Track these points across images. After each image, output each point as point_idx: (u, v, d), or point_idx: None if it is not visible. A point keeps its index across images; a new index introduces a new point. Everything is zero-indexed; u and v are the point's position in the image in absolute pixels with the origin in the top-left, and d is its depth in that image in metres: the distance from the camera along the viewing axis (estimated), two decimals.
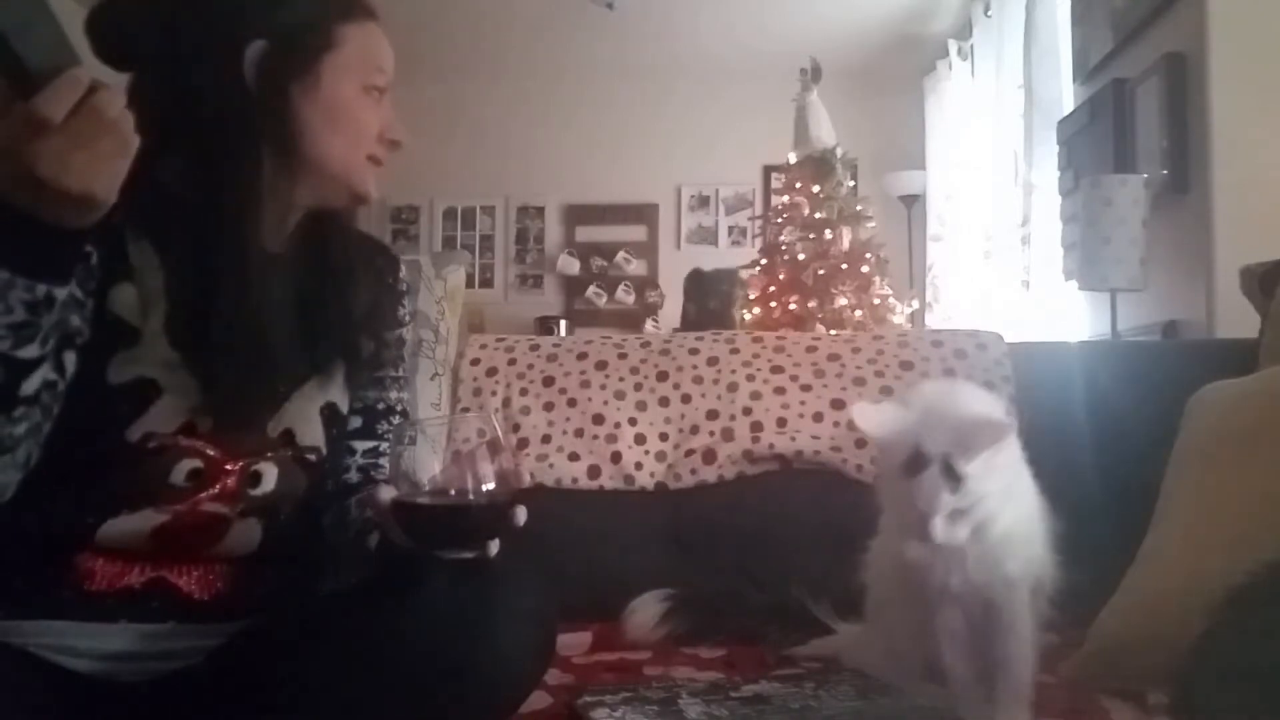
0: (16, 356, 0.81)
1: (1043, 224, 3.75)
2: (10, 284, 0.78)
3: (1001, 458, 0.92)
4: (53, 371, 0.87)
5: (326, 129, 1.01)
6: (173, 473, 0.95)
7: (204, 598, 0.97)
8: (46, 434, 0.89)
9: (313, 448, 1.06)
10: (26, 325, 0.80)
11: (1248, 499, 1.14)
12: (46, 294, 0.80)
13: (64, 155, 0.74)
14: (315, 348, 1.06)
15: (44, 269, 0.80)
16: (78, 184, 0.75)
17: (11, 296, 0.79)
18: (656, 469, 1.63)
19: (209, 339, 0.94)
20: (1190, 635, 0.85)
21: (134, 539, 0.93)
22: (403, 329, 1.20)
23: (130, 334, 0.94)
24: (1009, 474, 0.95)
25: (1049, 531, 1.02)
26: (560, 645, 1.05)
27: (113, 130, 0.77)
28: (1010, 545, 0.97)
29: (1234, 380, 1.32)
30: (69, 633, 0.91)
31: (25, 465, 0.89)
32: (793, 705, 1.06)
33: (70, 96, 0.74)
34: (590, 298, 6.15)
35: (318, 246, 1.08)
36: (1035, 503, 1.01)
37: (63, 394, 0.90)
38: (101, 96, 0.75)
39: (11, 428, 0.84)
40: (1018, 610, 0.99)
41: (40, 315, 0.81)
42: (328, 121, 1.01)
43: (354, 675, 0.86)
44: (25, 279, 0.79)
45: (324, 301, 1.07)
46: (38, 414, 0.86)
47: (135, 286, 0.95)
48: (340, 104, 1.02)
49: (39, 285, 0.79)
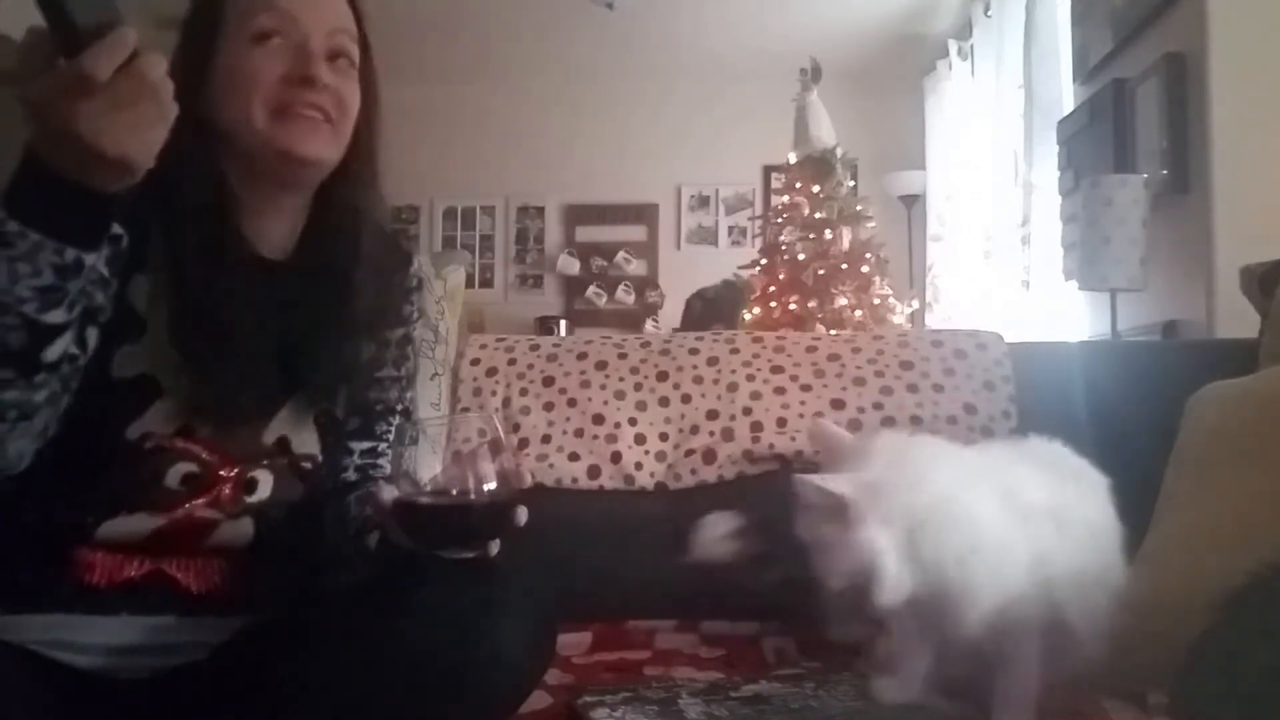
0: (42, 320, 0.80)
1: (1043, 224, 3.75)
2: (40, 246, 0.77)
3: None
4: (75, 345, 0.87)
5: (221, 99, 0.98)
6: (167, 476, 0.95)
7: (201, 591, 0.97)
8: (61, 409, 0.89)
9: (308, 456, 1.06)
10: (54, 289, 0.79)
11: (1248, 499, 1.14)
12: (75, 259, 0.79)
13: (104, 116, 0.73)
14: (311, 357, 1.04)
15: (74, 233, 0.79)
16: (114, 146, 0.74)
17: (40, 259, 0.78)
18: (656, 469, 1.62)
19: (203, 344, 0.95)
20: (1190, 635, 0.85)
21: (132, 538, 0.94)
22: (407, 327, 1.17)
23: (138, 325, 0.94)
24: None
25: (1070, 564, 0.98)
26: (560, 645, 1.05)
27: (153, 95, 0.76)
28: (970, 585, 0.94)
29: (1234, 380, 1.32)
30: (70, 626, 0.91)
31: (43, 435, 0.88)
32: (793, 705, 1.06)
33: (117, 56, 0.73)
34: (590, 298, 6.15)
35: (321, 254, 1.06)
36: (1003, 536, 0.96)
37: (80, 370, 0.89)
38: (146, 59, 0.75)
39: (32, 393, 0.84)
40: (1021, 643, 0.97)
41: (68, 280, 0.80)
42: (221, 92, 0.97)
43: (354, 675, 0.86)
44: (55, 241, 0.78)
45: (321, 311, 1.05)
46: (57, 383, 0.86)
47: (149, 278, 0.95)
48: (227, 68, 0.97)
49: (68, 249, 0.79)
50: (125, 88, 0.74)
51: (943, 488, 0.95)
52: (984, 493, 0.97)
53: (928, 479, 0.96)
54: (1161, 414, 1.34)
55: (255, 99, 0.97)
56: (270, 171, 1.01)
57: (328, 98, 1.00)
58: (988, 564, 0.94)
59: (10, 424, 0.84)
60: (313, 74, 0.97)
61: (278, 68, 0.97)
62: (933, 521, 0.93)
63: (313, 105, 0.99)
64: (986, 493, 0.97)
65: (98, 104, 0.73)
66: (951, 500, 0.95)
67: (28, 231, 0.77)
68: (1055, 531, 0.98)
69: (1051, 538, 0.98)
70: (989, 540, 0.94)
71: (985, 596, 0.94)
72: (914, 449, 1.02)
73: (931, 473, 0.97)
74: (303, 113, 0.98)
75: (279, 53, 0.98)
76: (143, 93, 0.75)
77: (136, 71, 0.74)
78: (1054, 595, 0.97)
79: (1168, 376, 1.47)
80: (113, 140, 0.74)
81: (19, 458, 0.88)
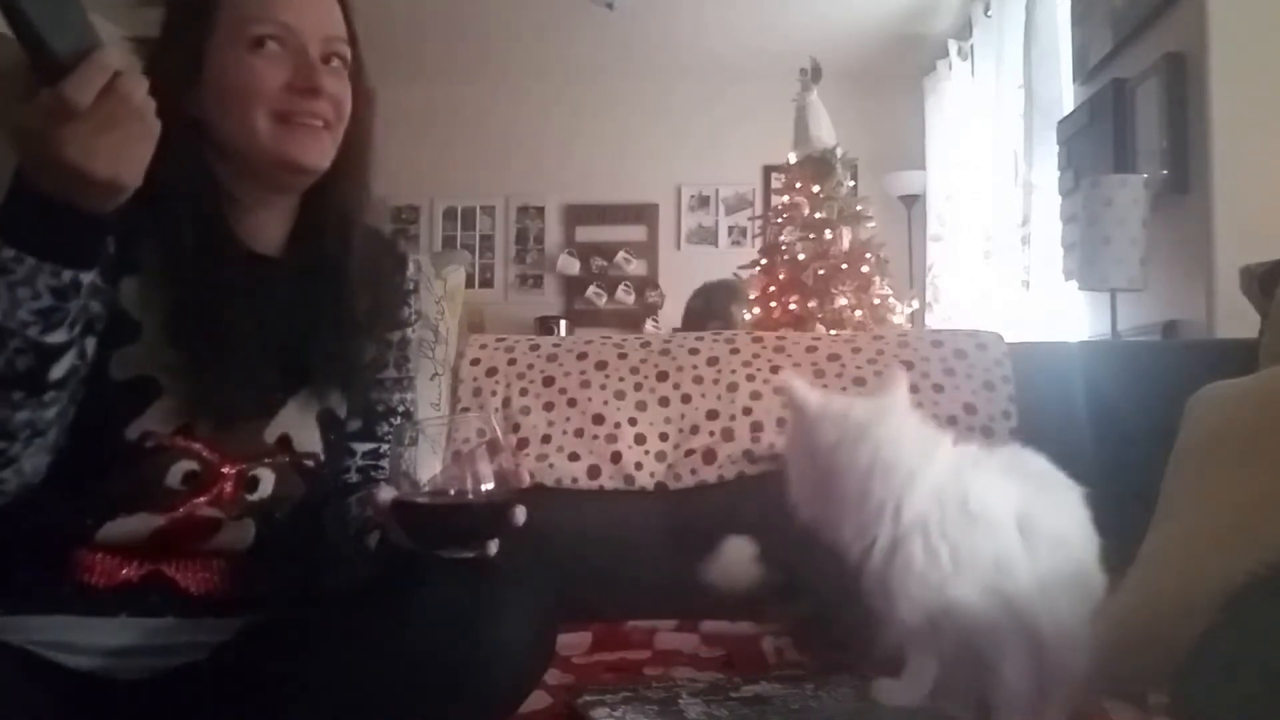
0: (45, 342, 0.81)
1: (1043, 224, 3.75)
2: (38, 269, 0.78)
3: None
4: (77, 357, 0.87)
5: (219, 108, 0.97)
6: (168, 475, 0.95)
7: (201, 593, 0.97)
8: (69, 420, 0.90)
9: (310, 454, 1.06)
10: (54, 310, 0.80)
11: (1248, 499, 1.14)
12: (73, 279, 0.80)
13: (91, 140, 0.74)
14: (310, 354, 1.04)
15: (70, 255, 0.80)
16: (104, 169, 0.75)
17: (39, 282, 0.79)
18: (656, 469, 1.62)
19: (201, 340, 0.94)
20: (1190, 635, 0.85)
21: (132, 539, 0.94)
22: (407, 329, 1.18)
23: (133, 328, 0.94)
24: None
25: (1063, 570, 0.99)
26: (560, 645, 1.05)
27: (138, 115, 0.77)
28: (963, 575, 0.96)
29: (1234, 380, 1.32)
30: (69, 628, 0.91)
31: (55, 447, 0.89)
32: (793, 705, 1.06)
33: (97, 81, 0.73)
34: (590, 298, 6.15)
35: (315, 250, 1.06)
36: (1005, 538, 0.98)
37: (82, 379, 0.90)
38: (127, 81, 0.75)
39: (43, 411, 0.85)
40: (1001, 649, 0.97)
41: (68, 300, 0.81)
42: (218, 100, 0.97)
43: (354, 675, 0.86)
44: (52, 264, 0.79)
45: (319, 307, 1.05)
46: (65, 398, 0.87)
47: (139, 280, 0.95)
48: (223, 76, 0.96)
49: (65, 271, 0.80)
50: (109, 110, 0.74)
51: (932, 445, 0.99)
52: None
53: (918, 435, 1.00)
54: (1161, 414, 1.34)
55: (258, 108, 0.96)
56: (267, 176, 1.01)
57: (328, 105, 0.99)
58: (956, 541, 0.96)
59: (24, 442, 0.86)
60: (317, 84, 0.97)
61: (279, 76, 0.97)
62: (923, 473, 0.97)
63: (315, 114, 0.98)
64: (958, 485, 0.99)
65: (83, 128, 0.74)
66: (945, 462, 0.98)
67: (24, 256, 0.78)
68: (1020, 539, 0.98)
69: (1015, 545, 0.98)
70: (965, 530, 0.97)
71: (929, 571, 0.96)
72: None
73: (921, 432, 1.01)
74: (305, 122, 0.98)
75: (279, 60, 0.97)
76: (127, 113, 0.76)
77: (119, 93, 0.75)
78: (1017, 602, 0.96)
79: (1168, 376, 1.47)
80: (102, 163, 0.75)
81: (36, 473, 0.89)
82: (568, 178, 6.17)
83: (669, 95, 6.03)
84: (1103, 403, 1.58)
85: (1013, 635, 0.96)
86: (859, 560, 0.98)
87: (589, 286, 6.16)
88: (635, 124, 6.10)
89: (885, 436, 0.98)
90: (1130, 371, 1.66)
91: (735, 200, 6.22)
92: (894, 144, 5.63)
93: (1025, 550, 0.98)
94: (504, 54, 5.76)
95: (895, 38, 5.41)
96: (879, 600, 0.99)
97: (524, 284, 6.32)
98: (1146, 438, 1.33)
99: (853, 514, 0.98)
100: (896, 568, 0.96)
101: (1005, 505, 0.99)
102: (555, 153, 6.13)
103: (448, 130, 5.96)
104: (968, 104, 4.88)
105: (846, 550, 0.99)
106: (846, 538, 0.99)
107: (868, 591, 1.00)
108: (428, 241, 6.20)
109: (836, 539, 0.99)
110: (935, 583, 0.96)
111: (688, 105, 6.03)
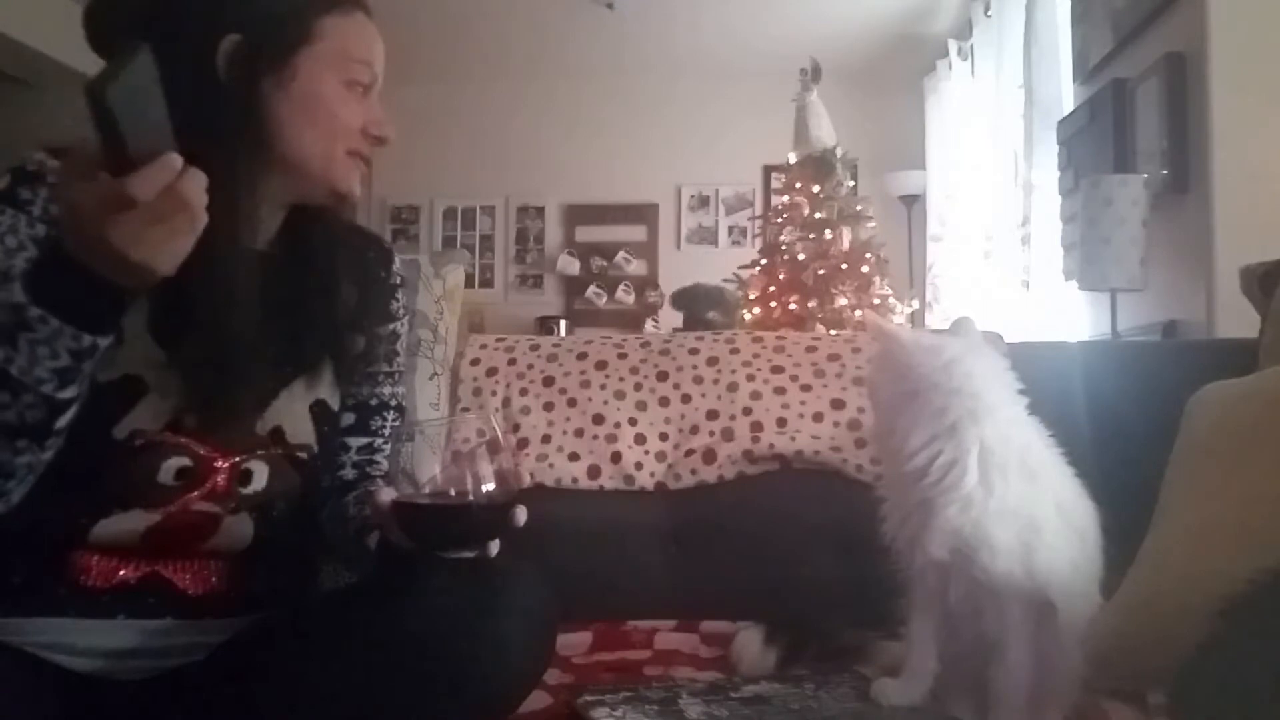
0: (58, 397, 0.83)
1: (1043, 224, 3.75)
2: (59, 333, 0.80)
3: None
4: (79, 404, 0.88)
5: (301, 124, 1.00)
6: (160, 471, 0.95)
7: (199, 593, 0.97)
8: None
9: (303, 445, 1.06)
10: (70, 370, 0.82)
11: (1248, 499, 1.14)
12: (91, 344, 0.82)
13: (138, 230, 0.76)
14: (301, 345, 1.05)
15: (92, 322, 0.81)
16: (144, 257, 0.77)
17: (59, 344, 0.80)
18: (656, 469, 1.62)
19: (190, 336, 0.94)
20: (1190, 636, 0.85)
21: (127, 538, 0.94)
22: (396, 323, 1.19)
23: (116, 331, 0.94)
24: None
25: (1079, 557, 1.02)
26: (560, 645, 1.05)
27: (190, 214, 0.78)
28: (1000, 548, 0.98)
29: (1234, 380, 1.32)
30: (67, 630, 0.91)
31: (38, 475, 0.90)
32: (793, 705, 1.06)
33: (162, 181, 0.75)
34: (590, 298, 6.15)
35: (303, 243, 1.07)
36: (1043, 517, 1.01)
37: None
38: (187, 183, 0.77)
39: (43, 454, 0.87)
40: (1009, 629, 0.99)
41: (83, 361, 0.83)
42: (303, 116, 1.00)
43: (354, 675, 0.86)
44: (74, 328, 0.80)
45: (309, 299, 1.06)
46: (62, 440, 0.88)
47: None
48: (316, 98, 1.00)
49: (85, 336, 0.81)
50: (164, 205, 0.76)
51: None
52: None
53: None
54: (1161, 414, 1.33)
55: (338, 143, 1.02)
56: (304, 189, 1.04)
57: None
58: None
59: (20, 481, 0.88)
60: (387, 137, 1.05)
61: (359, 116, 1.03)
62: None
63: (369, 155, 1.05)
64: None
65: (134, 218, 0.75)
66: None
67: (49, 317, 0.79)
68: (1040, 506, 1.02)
69: (1051, 514, 1.02)
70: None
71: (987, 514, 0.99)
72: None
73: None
74: (358, 158, 1.05)
75: (363, 104, 1.04)
76: (178, 209, 0.77)
77: (177, 192, 0.76)
78: (1038, 566, 0.99)
79: (1168, 376, 1.46)
80: (143, 251, 0.76)
81: (20, 497, 0.90)
82: (567, 177, 6.17)
83: (669, 95, 6.03)
84: (1103, 403, 1.58)
85: (1022, 604, 0.99)
86: (919, 471, 1.01)
87: (589, 286, 6.16)
88: (635, 124, 6.11)
89: (975, 369, 1.03)
90: (1130, 371, 1.66)
91: (735, 200, 6.22)
92: (894, 144, 5.64)
93: (1046, 521, 1.01)
94: (504, 54, 5.76)
95: (895, 38, 5.41)
96: (915, 525, 1.02)
97: (524, 284, 6.32)
98: (1146, 438, 1.33)
99: (926, 425, 1.01)
100: (949, 482, 0.99)
101: (1051, 478, 1.04)
102: (555, 153, 6.13)
103: (447, 130, 5.97)
104: (968, 104, 4.88)
105: (910, 459, 1.02)
106: (913, 446, 1.01)
107: (905, 517, 1.04)
108: (428, 241, 6.21)
109: (904, 447, 1.02)
110: (976, 512, 0.99)
111: (687, 105, 6.04)
